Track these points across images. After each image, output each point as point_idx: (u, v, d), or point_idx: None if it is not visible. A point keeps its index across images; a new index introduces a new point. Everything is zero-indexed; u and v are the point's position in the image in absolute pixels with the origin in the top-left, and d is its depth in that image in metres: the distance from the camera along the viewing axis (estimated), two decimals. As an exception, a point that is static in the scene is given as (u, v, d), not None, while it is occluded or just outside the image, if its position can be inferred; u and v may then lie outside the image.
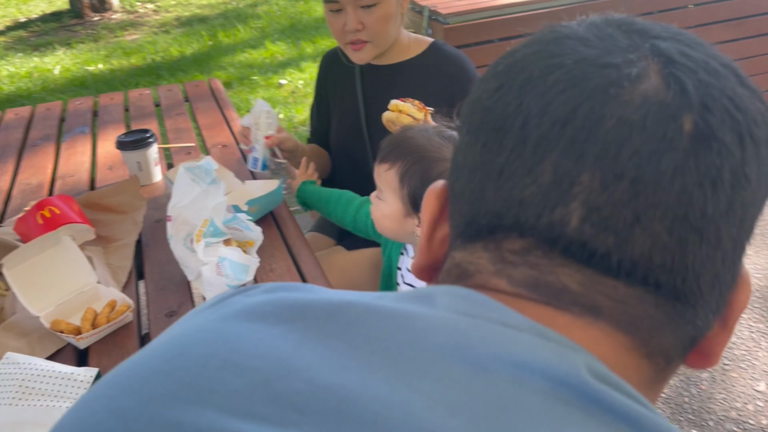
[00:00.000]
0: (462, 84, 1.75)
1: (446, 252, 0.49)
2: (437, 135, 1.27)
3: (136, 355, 0.44)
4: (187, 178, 1.40)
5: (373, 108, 1.84)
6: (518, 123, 0.40)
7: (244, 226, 1.42)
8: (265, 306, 0.43)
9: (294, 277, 1.40)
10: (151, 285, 1.42)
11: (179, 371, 0.38)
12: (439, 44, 1.83)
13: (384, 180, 1.29)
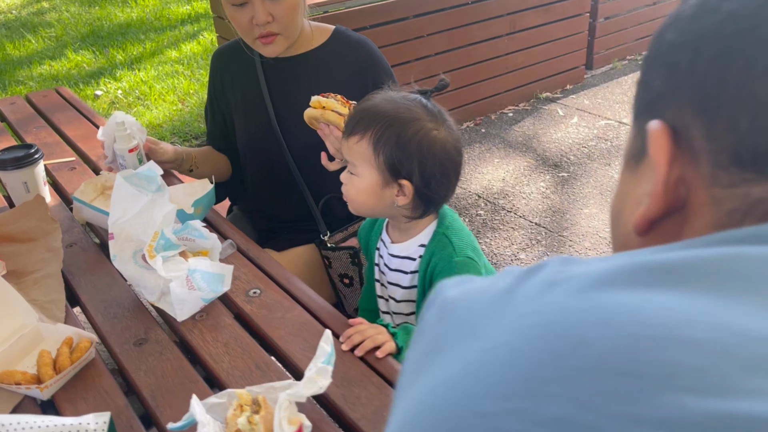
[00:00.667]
0: (373, 70, 1.74)
1: (681, 194, 0.48)
2: (402, 99, 1.25)
3: (476, 369, 0.37)
4: (128, 189, 1.24)
5: (283, 102, 1.77)
6: None
7: (196, 235, 1.29)
8: (622, 273, 0.39)
9: (265, 280, 1.30)
10: (97, 315, 1.23)
11: (604, 362, 0.32)
12: (342, 30, 1.80)
13: (355, 153, 1.24)
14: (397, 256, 1.35)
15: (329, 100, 1.50)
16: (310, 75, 1.75)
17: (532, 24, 4.49)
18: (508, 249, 3.13)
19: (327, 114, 1.49)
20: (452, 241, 1.28)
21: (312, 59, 1.76)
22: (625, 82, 4.91)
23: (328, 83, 1.73)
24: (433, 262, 1.27)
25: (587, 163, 3.83)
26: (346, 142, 1.26)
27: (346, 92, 1.70)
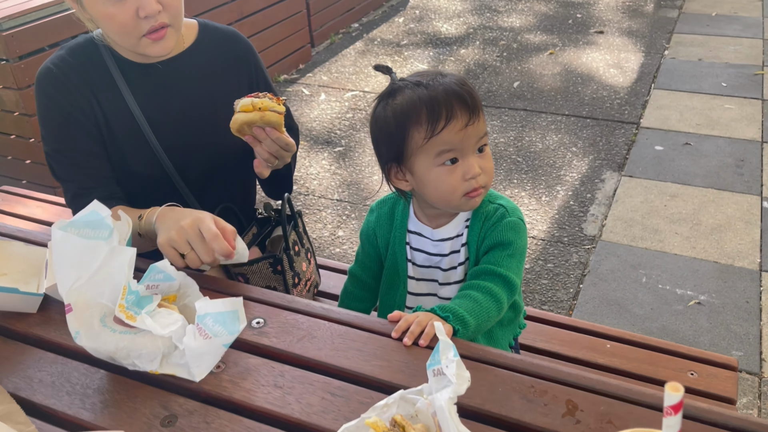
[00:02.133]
0: (252, 58, 1.58)
1: None
2: (425, 72, 1.21)
3: None
4: (75, 242, 0.94)
5: (160, 114, 1.49)
6: None
7: (162, 277, 1.05)
8: None
9: (254, 306, 1.12)
10: (81, 412, 0.93)
11: None
12: (207, 23, 1.58)
13: (484, 122, 1.19)
14: (448, 239, 1.28)
15: (263, 100, 1.32)
16: (190, 79, 1.51)
17: (257, 8, 4.44)
18: (324, 230, 3.13)
19: (267, 116, 1.31)
20: (503, 204, 1.25)
21: (188, 61, 1.51)
22: (348, 54, 5.17)
23: (212, 83, 1.53)
24: (486, 227, 1.23)
25: (354, 134, 3.98)
26: (476, 125, 1.15)
27: (233, 86, 1.54)
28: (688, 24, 5.27)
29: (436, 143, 1.15)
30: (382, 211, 1.38)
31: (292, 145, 1.40)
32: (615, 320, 2.49)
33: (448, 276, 1.31)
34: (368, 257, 1.44)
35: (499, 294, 1.17)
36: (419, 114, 1.15)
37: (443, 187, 1.19)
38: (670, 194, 3.20)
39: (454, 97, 1.14)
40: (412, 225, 1.33)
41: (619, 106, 4.08)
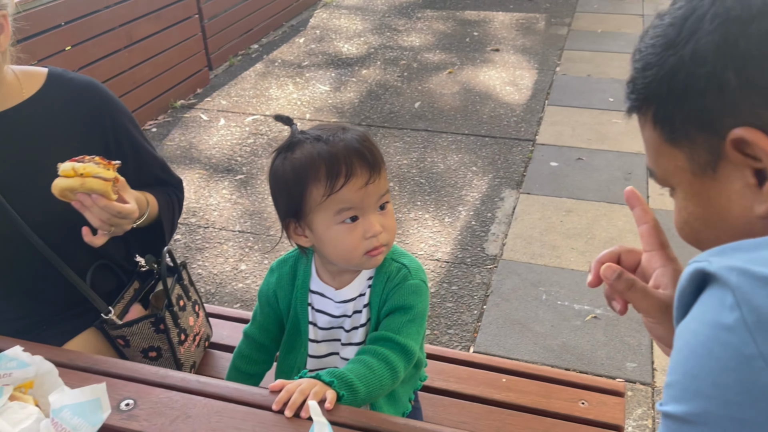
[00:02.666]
0: (109, 112, 1.47)
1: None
2: (326, 126, 1.17)
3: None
4: None
5: (8, 187, 1.38)
6: None
7: (14, 365, 0.96)
8: None
9: (120, 384, 1.05)
10: None
11: None
12: (60, 72, 1.47)
13: (386, 180, 1.16)
14: (350, 299, 1.23)
15: (87, 165, 1.23)
16: (29, 132, 1.40)
17: (147, 33, 4.28)
18: (225, 264, 3.03)
19: (88, 182, 1.22)
20: (405, 264, 1.22)
21: (27, 112, 1.40)
22: (248, 76, 5.08)
23: (55, 137, 1.42)
24: (387, 288, 1.20)
25: (255, 161, 3.90)
26: (377, 183, 1.12)
27: (79, 143, 1.43)
28: (577, 41, 5.52)
29: (336, 201, 1.12)
30: (283, 271, 1.32)
31: (131, 212, 1.31)
32: (518, 340, 2.54)
33: (350, 336, 1.27)
34: (267, 319, 1.37)
35: (395, 363, 1.15)
36: (318, 170, 1.11)
37: (343, 246, 1.15)
38: (565, 210, 3.31)
39: (355, 154, 1.11)
40: (315, 285, 1.29)
41: (515, 123, 4.21)
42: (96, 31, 3.85)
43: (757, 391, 0.47)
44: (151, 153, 1.57)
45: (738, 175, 0.61)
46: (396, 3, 6.73)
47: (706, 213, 0.66)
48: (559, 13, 6.18)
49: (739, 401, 0.48)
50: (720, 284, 0.51)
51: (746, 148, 0.59)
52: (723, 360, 0.49)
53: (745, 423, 0.47)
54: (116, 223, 1.30)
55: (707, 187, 0.64)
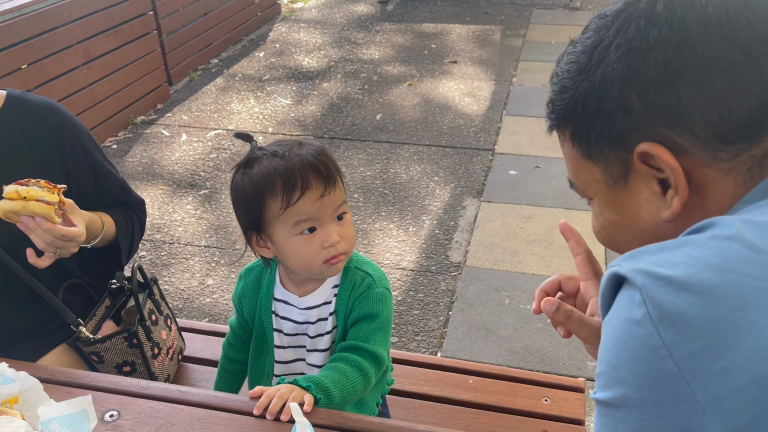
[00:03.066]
0: (68, 133, 1.49)
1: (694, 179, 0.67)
2: (283, 142, 1.21)
3: None
4: None
5: None
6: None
7: (1, 381, 0.99)
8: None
9: (105, 397, 1.08)
10: None
11: None
12: (18, 95, 1.48)
13: (342, 191, 1.22)
14: (313, 307, 1.27)
15: (30, 188, 1.25)
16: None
17: (106, 49, 4.26)
18: (192, 280, 3.04)
19: (30, 206, 1.25)
20: (369, 272, 1.27)
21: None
22: (209, 91, 5.09)
23: (15, 159, 1.44)
24: (353, 297, 1.25)
25: (219, 175, 3.91)
26: (332, 194, 1.18)
27: (37, 165, 1.46)
28: (532, 52, 5.69)
29: (293, 213, 1.17)
30: (248, 280, 1.37)
31: (76, 236, 1.33)
32: (483, 344, 2.62)
33: (315, 343, 1.32)
34: (238, 326, 1.44)
35: (367, 369, 1.21)
36: (274, 185, 1.17)
37: (303, 256, 1.21)
38: (525, 216, 3.42)
39: (310, 168, 1.17)
40: (278, 293, 1.34)
41: (475, 133, 4.32)
42: (53, 48, 3.82)
43: (663, 375, 0.54)
44: (111, 173, 1.60)
45: (645, 185, 0.69)
46: (354, 16, 6.82)
47: (620, 219, 0.74)
48: (514, 25, 6.35)
49: (650, 385, 0.55)
50: (630, 285, 0.58)
51: (651, 161, 0.67)
52: (635, 350, 0.56)
53: (657, 404, 0.54)
54: (61, 245, 1.32)
55: (620, 196, 0.72)
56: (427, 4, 7.14)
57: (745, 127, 0.64)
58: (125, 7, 4.37)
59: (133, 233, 1.59)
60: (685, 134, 0.65)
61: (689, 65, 0.64)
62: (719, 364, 0.51)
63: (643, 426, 0.55)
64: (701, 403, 0.51)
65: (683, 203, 0.67)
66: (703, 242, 0.58)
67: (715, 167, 0.66)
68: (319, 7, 7.21)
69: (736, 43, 0.63)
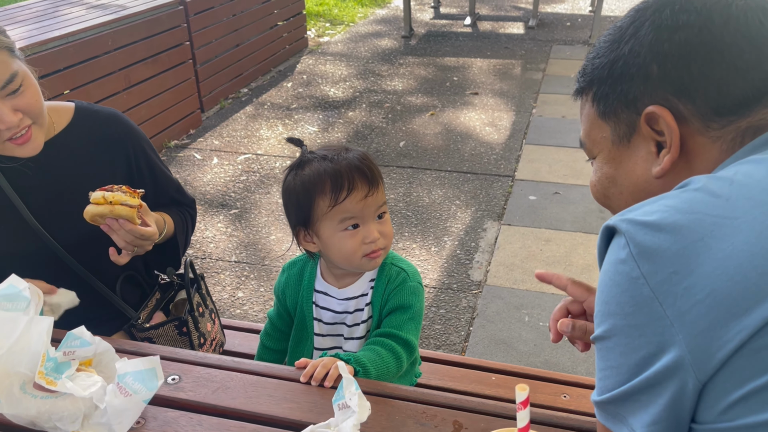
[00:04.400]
0: (132, 141, 1.63)
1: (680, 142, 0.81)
2: (331, 146, 1.35)
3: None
4: (-6, 314, 1.00)
5: (38, 201, 1.53)
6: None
7: (78, 344, 1.11)
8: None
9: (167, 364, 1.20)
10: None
11: None
12: (86, 106, 1.63)
13: (383, 193, 1.33)
14: (352, 298, 1.40)
15: (115, 194, 1.40)
16: (61, 163, 1.56)
17: (145, 76, 4.49)
18: (223, 292, 3.17)
19: (117, 209, 1.39)
20: (404, 268, 1.41)
21: (59, 145, 1.55)
22: (239, 118, 5.30)
23: (85, 165, 1.58)
24: (388, 290, 1.37)
25: (249, 196, 4.07)
26: (375, 196, 1.31)
27: (106, 169, 1.59)
28: (552, 85, 5.85)
29: (339, 211, 1.31)
30: (291, 272, 1.51)
31: (152, 235, 1.47)
32: (503, 358, 2.71)
33: (351, 331, 1.45)
34: (277, 316, 1.57)
35: (400, 353, 1.33)
36: (324, 185, 1.31)
37: (345, 250, 1.34)
38: (544, 239, 3.52)
39: (356, 171, 1.31)
40: (319, 285, 1.46)
41: (495, 160, 4.45)
42: (97, 74, 4.04)
43: (642, 301, 0.66)
44: (168, 176, 1.75)
45: (644, 145, 0.83)
46: (379, 50, 7.05)
47: (616, 173, 0.88)
48: (534, 60, 6.53)
49: (632, 311, 0.67)
50: (617, 233, 0.71)
51: (654, 124, 0.81)
52: (621, 284, 0.69)
53: (637, 326, 0.67)
54: (139, 244, 1.47)
55: (621, 153, 0.86)
56: (449, 39, 7.37)
57: (737, 104, 0.78)
58: (164, 38, 4.61)
59: (187, 230, 1.74)
60: (688, 104, 0.79)
61: (705, 47, 0.77)
62: (684, 284, 0.64)
63: (628, 348, 0.67)
64: (670, 318, 0.64)
65: (672, 162, 0.81)
66: (676, 194, 0.72)
67: (706, 135, 0.79)
68: (345, 41, 7.47)
69: (747, 36, 0.77)
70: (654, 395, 0.66)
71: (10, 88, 1.34)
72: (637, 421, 0.68)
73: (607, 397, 0.70)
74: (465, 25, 7.85)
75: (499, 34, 7.46)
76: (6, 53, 1.34)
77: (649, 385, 0.66)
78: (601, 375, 0.71)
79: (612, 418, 0.70)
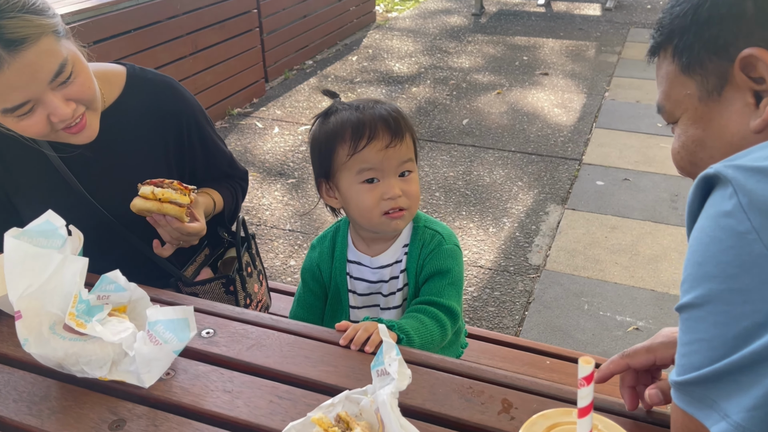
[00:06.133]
0: (187, 112, 1.53)
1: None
2: (362, 100, 1.27)
3: None
4: (27, 250, 0.96)
5: (89, 174, 1.46)
6: None
7: (113, 288, 1.07)
8: None
9: (203, 317, 1.15)
10: (28, 418, 0.94)
11: None
12: (138, 73, 1.51)
13: (410, 150, 1.24)
14: (386, 266, 1.32)
15: (165, 190, 1.32)
16: (111, 138, 1.45)
17: (211, 42, 4.50)
18: (276, 259, 3.15)
19: (165, 208, 1.32)
20: (438, 230, 1.32)
21: (110, 120, 1.43)
22: (302, 89, 5.26)
23: (135, 139, 1.49)
24: (423, 254, 1.29)
25: (307, 167, 4.03)
26: (398, 148, 1.22)
27: (156, 139, 1.49)
28: (627, 69, 5.57)
29: (358, 160, 1.23)
30: (323, 246, 1.42)
31: (199, 231, 1.40)
32: (558, 345, 2.57)
33: (388, 301, 1.36)
34: (312, 295, 1.45)
35: (444, 320, 1.23)
36: (345, 132, 1.23)
37: (363, 205, 1.25)
38: (610, 226, 3.34)
39: (380, 120, 1.22)
40: (352, 254, 1.38)
41: (562, 143, 4.26)
42: (164, 38, 4.07)
43: (750, 260, 0.55)
44: (221, 148, 1.66)
45: (739, 97, 0.71)
46: (447, 27, 6.89)
47: (705, 134, 0.75)
48: (609, 42, 6.24)
49: (736, 273, 0.56)
50: (721, 183, 0.60)
51: (751, 71, 0.69)
52: (723, 240, 0.57)
53: (742, 291, 0.55)
54: (185, 240, 1.42)
55: (710, 110, 0.74)
56: (521, 18, 7.12)
57: None
58: (232, 4, 4.60)
59: (237, 203, 1.68)
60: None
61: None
62: None
63: (728, 317, 0.56)
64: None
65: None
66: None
67: None
68: (413, 17, 7.33)
69: None
70: (758, 375, 0.54)
71: (60, 78, 1.22)
72: (734, 406, 0.56)
73: (692, 377, 0.59)
74: (538, 4, 7.58)
75: (573, 15, 7.17)
76: (52, 38, 1.20)
77: (753, 362, 0.55)
78: (686, 350, 0.60)
79: (698, 403, 0.59)
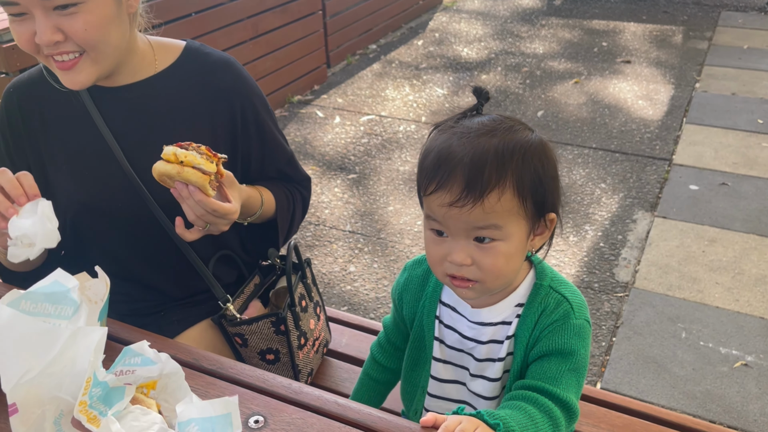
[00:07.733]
0: (242, 95, 1.34)
1: None
2: (483, 124, 0.96)
3: None
4: (27, 324, 0.74)
5: (133, 145, 1.29)
6: None
7: (139, 362, 0.84)
8: None
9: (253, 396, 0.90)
10: None
11: None
12: (197, 47, 1.37)
13: (500, 213, 0.92)
14: (489, 324, 1.06)
15: (189, 152, 1.10)
16: (158, 106, 1.30)
17: (272, 26, 4.28)
18: (334, 264, 2.92)
19: (185, 172, 1.09)
20: (567, 297, 1.02)
21: (158, 86, 1.31)
22: (365, 76, 5.00)
23: (183, 113, 1.31)
24: (542, 323, 1.01)
25: (369, 161, 3.78)
26: (469, 210, 0.90)
27: (205, 121, 1.32)
28: (719, 56, 5.07)
29: (426, 204, 0.97)
30: (414, 273, 1.16)
31: (228, 212, 1.16)
32: (653, 381, 2.26)
33: (481, 368, 1.08)
34: (395, 328, 1.24)
35: (558, 418, 0.95)
36: (424, 162, 0.97)
37: (429, 254, 1.01)
38: (708, 239, 2.97)
39: (461, 166, 0.91)
40: (447, 296, 1.11)
41: (649, 140, 3.87)
42: (224, 21, 3.87)
43: None
44: (280, 143, 1.44)
45: None
46: (519, 9, 6.48)
47: None
48: (698, 27, 5.72)
49: None
50: None
51: None
52: None
53: None
54: (211, 220, 1.16)
55: None
56: (599, 0, 6.64)
57: None
58: (294, -15, 4.37)
59: (294, 213, 1.44)
60: None
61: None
62: None
63: None
64: None
65: None
66: None
67: None
68: (482, -2, 6.94)
69: None
70: None
71: (57, 1, 1.09)
72: None
73: None
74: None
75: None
76: None
77: None
78: None
79: None
